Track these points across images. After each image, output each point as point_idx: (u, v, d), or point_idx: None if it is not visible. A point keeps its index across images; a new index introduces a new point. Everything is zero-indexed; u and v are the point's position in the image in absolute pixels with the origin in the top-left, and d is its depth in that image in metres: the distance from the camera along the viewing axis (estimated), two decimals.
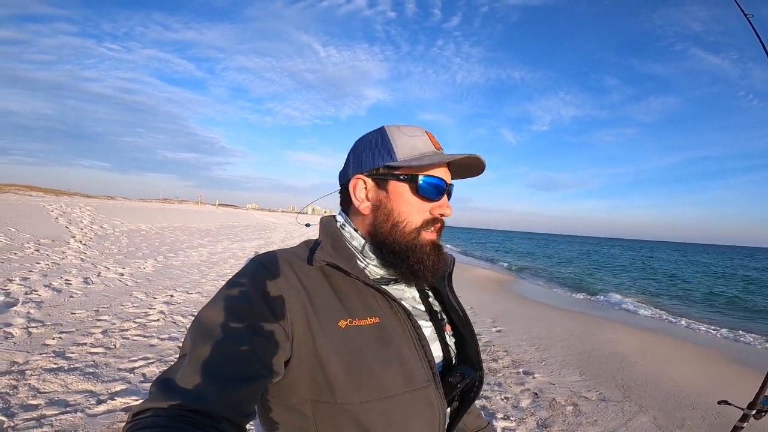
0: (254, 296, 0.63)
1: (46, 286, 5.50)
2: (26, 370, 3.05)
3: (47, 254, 7.73)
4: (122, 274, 6.98)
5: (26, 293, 5.04)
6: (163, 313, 4.99)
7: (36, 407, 2.57)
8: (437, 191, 0.74)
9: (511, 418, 3.11)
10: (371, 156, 0.76)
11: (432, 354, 0.70)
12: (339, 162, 0.85)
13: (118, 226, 13.58)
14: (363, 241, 0.75)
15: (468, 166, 0.80)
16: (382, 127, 0.78)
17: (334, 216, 0.81)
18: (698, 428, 3.16)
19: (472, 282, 11.82)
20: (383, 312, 0.70)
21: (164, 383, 0.56)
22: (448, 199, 0.78)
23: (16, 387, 2.78)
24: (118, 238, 11.29)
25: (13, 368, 3.05)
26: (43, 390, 2.79)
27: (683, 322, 8.57)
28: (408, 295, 0.79)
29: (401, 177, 0.73)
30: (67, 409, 2.61)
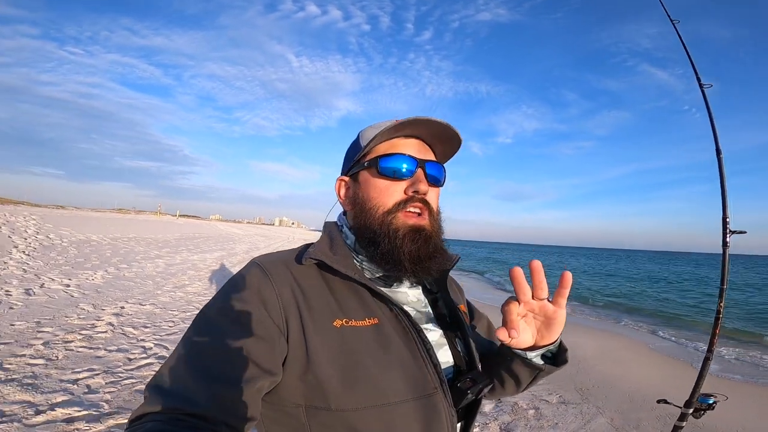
0: (249, 296, 0.62)
1: None
2: None
3: None
4: (68, 285, 6.51)
5: None
6: (112, 325, 4.68)
7: None
8: (403, 168, 0.71)
9: (475, 423, 3.09)
10: (348, 156, 0.78)
11: (438, 359, 0.66)
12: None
13: (67, 236, 12.73)
14: (354, 238, 0.73)
15: (445, 139, 0.75)
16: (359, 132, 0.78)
17: (336, 220, 0.80)
18: (653, 428, 3.27)
19: None
20: (382, 314, 0.66)
21: (158, 388, 0.54)
22: (428, 178, 0.72)
23: None
24: (66, 249, 10.57)
25: None
26: None
27: (641, 325, 8.93)
28: (412, 297, 0.74)
29: (365, 164, 0.73)
30: (4, 419, 2.42)
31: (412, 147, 0.73)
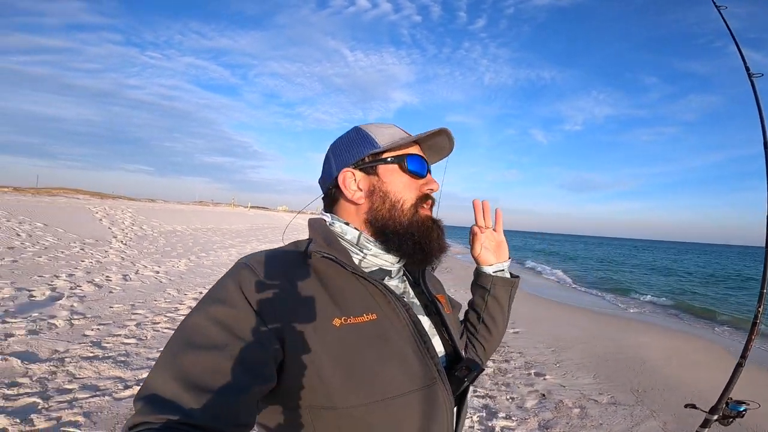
0: (238, 299, 0.60)
1: (88, 282, 5.97)
2: (66, 357, 3.37)
3: (91, 253, 8.34)
4: (158, 272, 7.44)
5: (71, 288, 5.50)
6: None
7: (70, 391, 2.87)
8: (423, 167, 0.78)
9: (513, 418, 3.15)
10: (354, 150, 0.78)
11: (435, 349, 0.68)
12: None
13: (156, 227, 14.37)
14: (357, 233, 0.74)
15: (439, 148, 0.84)
16: (356, 126, 0.81)
17: (320, 216, 0.80)
18: None
19: None
20: (380, 308, 0.67)
21: (150, 399, 0.53)
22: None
23: (54, 373, 3.10)
24: (156, 239, 11.97)
25: (53, 356, 3.38)
26: (78, 376, 3.10)
27: (722, 328, 8.15)
28: (402, 290, 0.78)
29: (389, 159, 0.76)
30: (97, 393, 2.89)
31: (419, 151, 0.81)
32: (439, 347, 0.74)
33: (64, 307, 4.72)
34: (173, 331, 0.64)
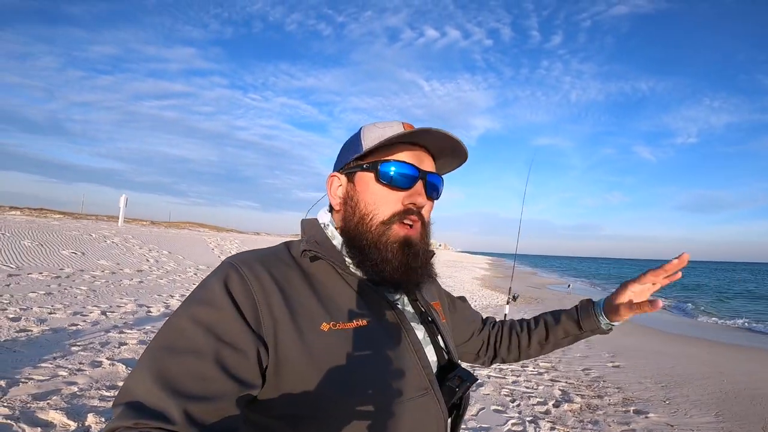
0: (223, 301, 0.57)
1: None
2: None
3: (202, 277, 9.44)
4: None
5: None
6: None
7: None
8: (404, 177, 0.67)
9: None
10: (345, 154, 0.74)
11: (427, 359, 0.66)
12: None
13: None
14: (341, 240, 0.69)
15: (450, 152, 0.73)
16: (362, 126, 0.75)
17: (315, 218, 0.76)
18: None
19: None
20: (372, 314, 0.64)
21: (129, 405, 0.50)
22: (427, 190, 0.70)
23: None
24: None
25: None
26: None
27: None
28: (396, 296, 0.72)
29: (365, 166, 0.68)
30: None
31: (415, 156, 0.69)
32: (432, 356, 0.70)
33: None
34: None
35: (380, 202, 0.67)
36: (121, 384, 3.15)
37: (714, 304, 15.56)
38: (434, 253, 0.78)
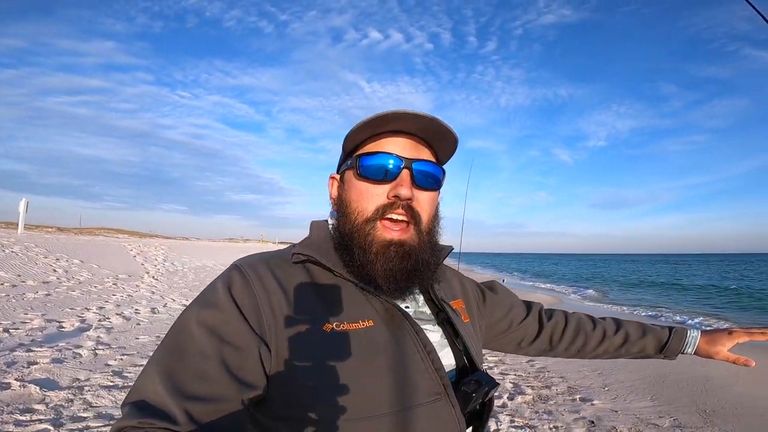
0: (227, 303, 0.57)
1: (118, 314, 6.02)
2: (85, 386, 3.29)
3: (123, 287, 8.51)
4: (185, 305, 7.46)
5: (99, 320, 5.54)
6: None
7: (84, 419, 2.76)
8: (383, 167, 0.63)
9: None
10: (341, 154, 0.73)
11: (441, 362, 0.61)
12: None
13: (187, 263, 14.68)
14: (338, 241, 0.68)
15: (440, 136, 0.67)
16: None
17: (324, 219, 0.75)
18: None
19: None
20: (378, 315, 0.61)
21: (136, 405, 0.52)
22: (416, 179, 0.65)
23: (71, 400, 3.01)
24: (186, 274, 12.18)
25: (73, 384, 3.32)
26: (94, 404, 2.99)
27: None
28: (407, 297, 0.68)
29: (348, 162, 0.67)
30: (111, 422, 2.76)
31: (399, 145, 0.65)
32: (448, 360, 0.65)
33: (90, 337, 4.72)
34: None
35: (362, 197, 0.65)
36: (36, 407, 2.69)
37: (621, 291, 17.28)
38: (452, 248, 0.76)
